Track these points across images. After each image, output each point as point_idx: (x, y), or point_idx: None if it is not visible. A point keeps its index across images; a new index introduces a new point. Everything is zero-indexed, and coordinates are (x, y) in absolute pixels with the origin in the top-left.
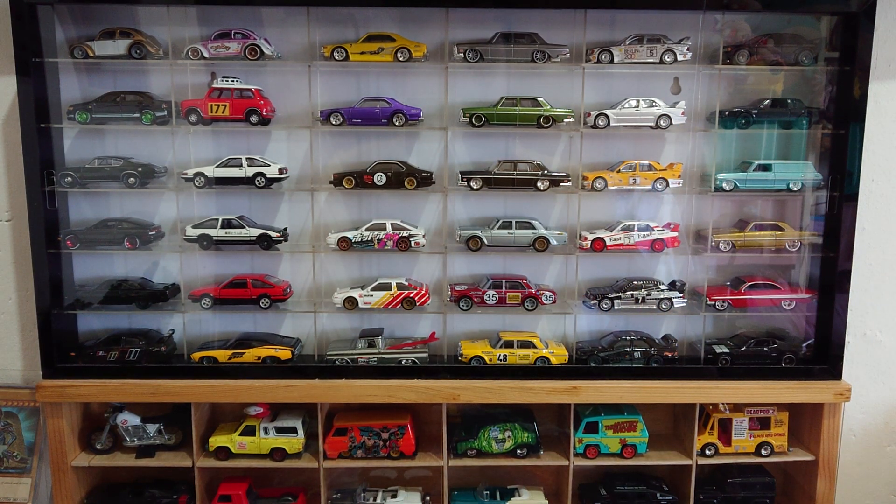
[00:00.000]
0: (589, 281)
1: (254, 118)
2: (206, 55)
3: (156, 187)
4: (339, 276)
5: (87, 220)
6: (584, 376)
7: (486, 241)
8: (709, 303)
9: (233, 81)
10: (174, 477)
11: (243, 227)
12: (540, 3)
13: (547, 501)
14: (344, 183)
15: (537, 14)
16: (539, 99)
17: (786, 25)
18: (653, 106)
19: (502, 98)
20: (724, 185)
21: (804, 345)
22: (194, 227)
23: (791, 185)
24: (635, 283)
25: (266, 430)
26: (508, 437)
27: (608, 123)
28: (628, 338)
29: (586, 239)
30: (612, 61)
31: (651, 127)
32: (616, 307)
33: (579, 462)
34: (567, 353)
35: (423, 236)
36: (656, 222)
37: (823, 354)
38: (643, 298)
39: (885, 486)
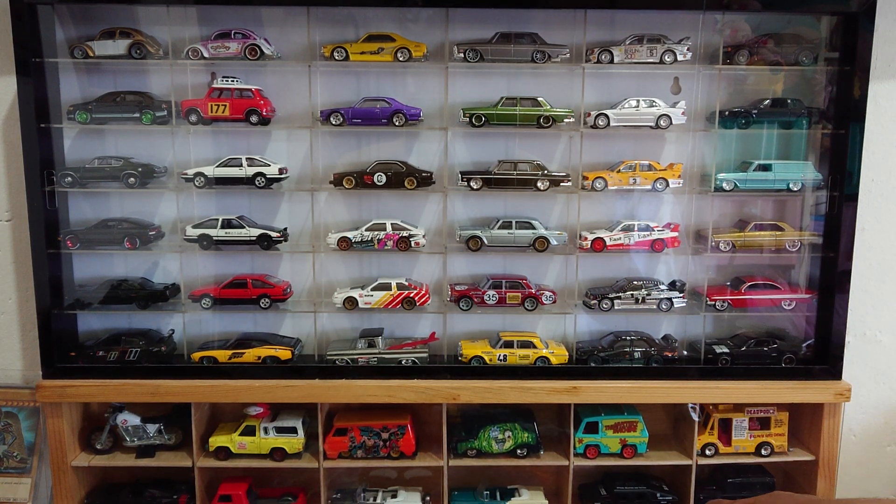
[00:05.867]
0: (589, 281)
1: (254, 118)
2: (206, 55)
3: (156, 187)
4: (339, 276)
5: (87, 220)
6: (584, 376)
7: (486, 241)
8: (709, 303)
9: (233, 81)
10: (174, 477)
11: (243, 227)
12: (540, 3)
13: (547, 501)
14: (344, 183)
15: (537, 14)
16: (539, 99)
17: (786, 25)
18: (653, 106)
19: (502, 98)
20: (724, 185)
21: (804, 345)
22: (194, 227)
23: (791, 185)
24: (635, 283)
25: (266, 430)
26: (508, 437)
27: (608, 123)
28: (628, 338)
29: (586, 239)
30: (612, 61)
31: (651, 127)
32: (616, 307)
33: (579, 462)
34: (567, 353)
35: (423, 236)
36: (656, 222)
37: (823, 354)
38: (643, 298)
39: (885, 486)
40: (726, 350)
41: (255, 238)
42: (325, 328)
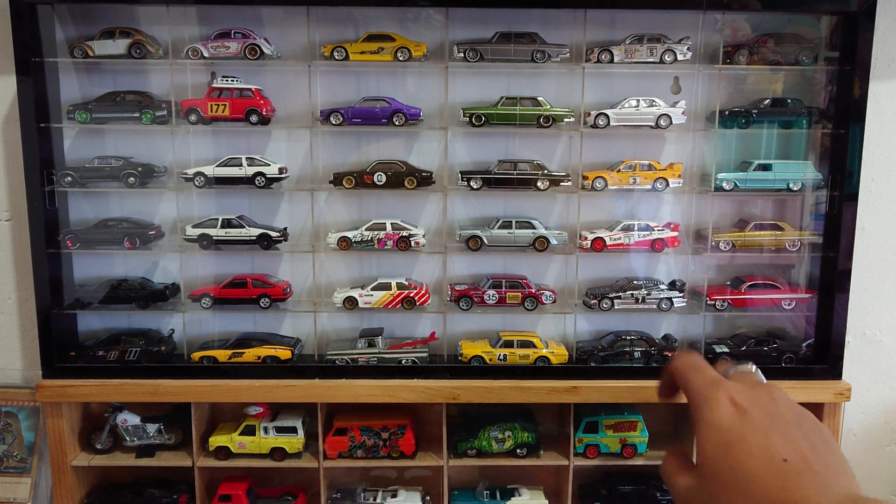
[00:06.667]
0: (589, 280)
1: (254, 118)
2: (206, 55)
3: (156, 187)
4: (339, 276)
5: (87, 219)
6: (584, 376)
7: (486, 241)
8: (709, 302)
9: (233, 81)
10: (174, 477)
11: (243, 227)
12: (540, 3)
13: (547, 501)
14: (344, 183)
15: (537, 14)
16: (539, 98)
17: (786, 25)
18: (653, 106)
19: (502, 98)
20: (724, 184)
21: (804, 344)
22: (194, 226)
23: (791, 185)
24: (635, 282)
25: (266, 430)
26: (508, 436)
27: (608, 123)
28: (628, 338)
29: (586, 239)
30: (612, 61)
31: (651, 127)
32: (616, 307)
33: (579, 462)
34: (567, 353)
35: (423, 236)
36: (656, 222)
37: (823, 354)
38: (643, 298)
39: (885, 486)
40: (726, 350)
41: (255, 238)
42: (325, 328)
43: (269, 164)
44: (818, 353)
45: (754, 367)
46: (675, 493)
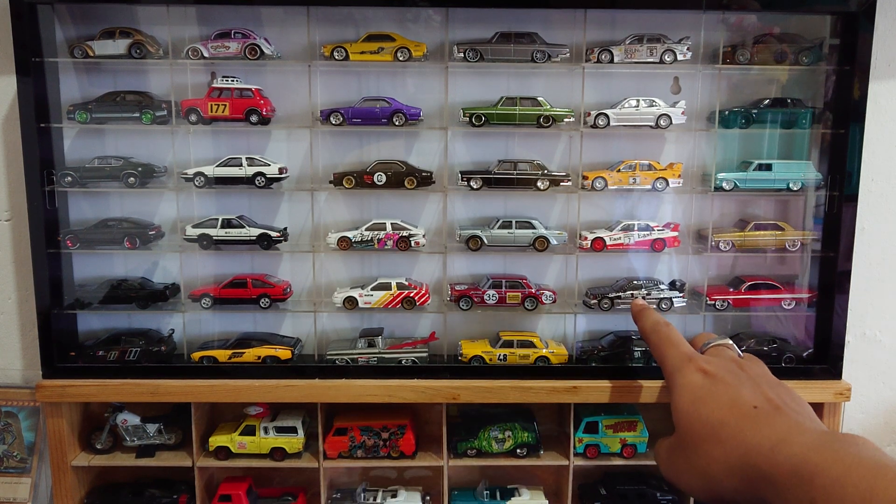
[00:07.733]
0: (589, 280)
1: (254, 118)
2: (206, 55)
3: (156, 187)
4: (339, 276)
5: (87, 219)
6: (584, 376)
7: (486, 241)
8: (709, 302)
9: (233, 81)
10: (174, 477)
11: (243, 227)
12: (540, 3)
13: (547, 501)
14: (344, 182)
15: (537, 14)
16: (539, 98)
17: (786, 25)
18: (653, 105)
19: (502, 98)
20: (724, 184)
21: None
22: (194, 226)
23: (791, 185)
24: (635, 282)
25: (266, 430)
26: (508, 436)
27: (608, 123)
28: (628, 337)
29: (586, 239)
30: (612, 61)
31: (651, 126)
32: (616, 307)
33: (579, 462)
34: (567, 353)
35: (423, 236)
36: (656, 222)
37: (823, 354)
38: (643, 298)
39: None
40: None
41: (255, 238)
42: (325, 328)
43: (269, 164)
44: (818, 353)
45: (730, 340)
46: (660, 461)
